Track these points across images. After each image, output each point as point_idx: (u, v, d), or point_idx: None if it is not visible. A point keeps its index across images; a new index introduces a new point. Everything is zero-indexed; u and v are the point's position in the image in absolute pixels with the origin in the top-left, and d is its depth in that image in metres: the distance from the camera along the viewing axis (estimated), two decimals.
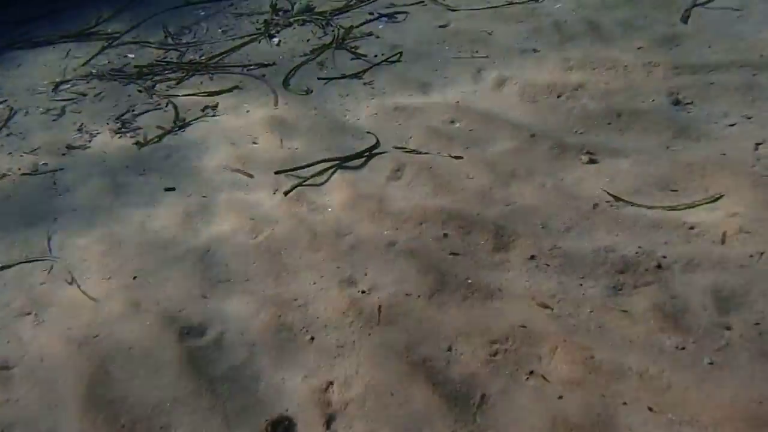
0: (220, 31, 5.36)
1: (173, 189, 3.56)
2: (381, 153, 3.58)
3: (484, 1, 5.05)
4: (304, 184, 3.44)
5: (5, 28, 5.72)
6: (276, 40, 5.12)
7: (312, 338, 2.57)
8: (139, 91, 4.61)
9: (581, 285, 2.57)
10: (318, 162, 3.54)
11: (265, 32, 5.21)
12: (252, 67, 4.76)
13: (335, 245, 3.04)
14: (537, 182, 3.20)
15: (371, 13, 5.30)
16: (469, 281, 2.70)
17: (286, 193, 3.38)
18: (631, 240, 2.70)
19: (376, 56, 4.63)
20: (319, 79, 4.43)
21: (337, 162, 3.55)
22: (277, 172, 3.48)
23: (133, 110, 4.41)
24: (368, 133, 3.79)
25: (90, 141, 4.11)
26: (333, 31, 5.08)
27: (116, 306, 2.80)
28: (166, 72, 4.83)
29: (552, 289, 2.58)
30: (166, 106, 4.40)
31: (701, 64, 3.72)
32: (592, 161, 3.23)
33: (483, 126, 3.69)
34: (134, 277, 2.97)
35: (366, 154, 3.59)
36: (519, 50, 4.33)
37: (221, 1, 5.83)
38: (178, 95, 4.50)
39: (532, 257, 2.77)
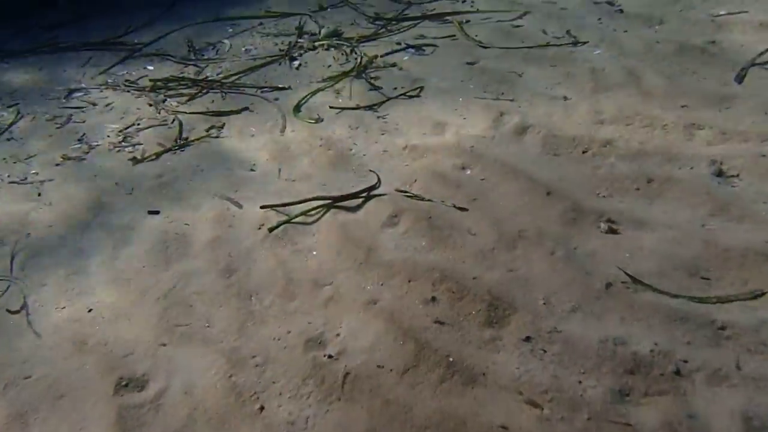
0: (243, 49, 5.20)
1: (157, 212, 3.33)
2: (380, 195, 3.27)
3: (519, 41, 4.75)
4: (291, 221, 3.16)
5: (36, 32, 5.72)
6: (296, 63, 4.91)
7: (261, 407, 2.25)
8: (149, 105, 4.45)
9: (581, 382, 2.17)
10: (310, 199, 3.25)
11: (286, 54, 5.02)
12: (267, 89, 4.56)
13: (311, 295, 2.73)
14: (546, 248, 2.82)
15: (398, 43, 5.06)
16: (451, 359, 2.34)
17: (271, 230, 3.10)
18: (647, 334, 2.29)
19: (395, 89, 4.36)
20: (331, 108, 4.17)
21: (330, 201, 3.25)
22: (263, 207, 3.21)
23: (138, 124, 4.24)
24: (371, 171, 3.49)
25: (87, 153, 3.94)
26: (356, 58, 4.85)
27: (60, 342, 2.54)
28: (180, 87, 4.67)
29: (546, 383, 2.19)
30: (172, 123, 4.22)
31: (754, 132, 3.29)
32: (612, 231, 2.84)
33: (496, 176, 3.34)
34: (89, 310, 2.72)
35: (363, 194, 3.28)
36: (548, 96, 3.99)
37: (251, 20, 5.70)
38: (186, 112, 4.31)
39: (528, 338, 2.39)
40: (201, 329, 2.60)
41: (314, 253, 2.98)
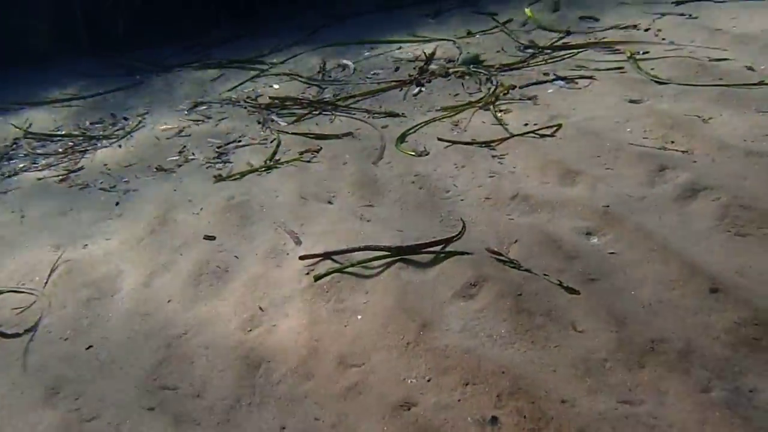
0: (371, 73, 4.78)
1: (213, 238, 2.92)
2: (463, 253, 2.48)
3: (714, 77, 3.62)
4: (344, 271, 2.51)
5: (196, 50, 5.93)
6: (420, 90, 4.33)
7: None
8: (258, 123, 4.19)
9: None
10: (373, 248, 2.58)
11: (413, 80, 4.46)
12: (380, 115, 4.03)
13: (332, 378, 2.04)
14: (695, 379, 1.81)
15: (546, 74, 4.21)
16: None
17: (316, 279, 2.49)
18: None
19: (525, 125, 3.53)
20: (440, 140, 3.48)
21: (393, 253, 2.54)
22: (303, 257, 2.60)
23: (240, 141, 3.98)
24: (461, 220, 2.72)
25: (180, 166, 3.74)
26: (489, 88, 4.12)
27: (31, 392, 2.16)
28: (295, 107, 4.36)
29: None
30: (271, 143, 3.88)
31: None
32: None
33: (634, 251, 2.36)
34: (88, 347, 2.33)
35: (434, 249, 2.52)
36: (743, 151, 2.86)
37: (392, 44, 5.28)
38: (288, 132, 3.95)
39: None
40: (188, 399, 2.04)
41: (359, 317, 2.29)
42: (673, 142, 3.10)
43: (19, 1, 5.71)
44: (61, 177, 3.73)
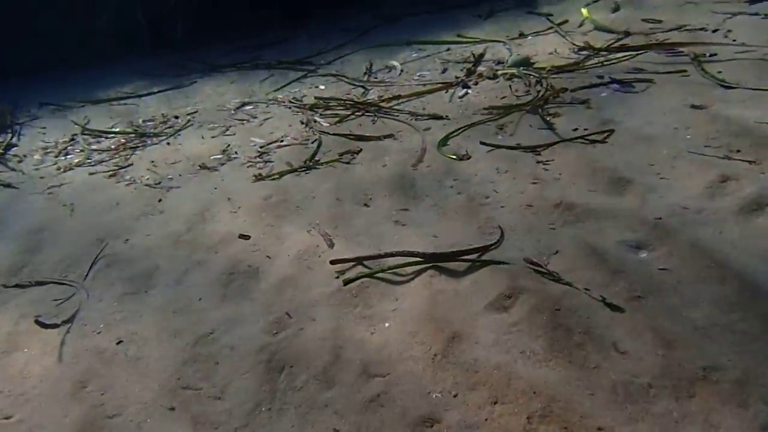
0: (417, 74, 4.69)
1: (248, 237, 2.91)
2: (500, 263, 2.36)
3: None
4: (374, 276, 2.44)
5: (248, 50, 6.01)
6: (466, 91, 4.21)
7: None
8: (302, 123, 4.18)
9: None
10: (405, 253, 2.49)
11: (460, 82, 4.34)
12: (423, 117, 3.94)
13: (354, 387, 1.97)
14: (752, 414, 1.63)
15: (600, 77, 4.01)
16: None
17: (346, 283, 2.43)
18: None
19: (574, 129, 3.36)
20: (483, 144, 3.36)
21: (426, 260, 2.45)
22: (333, 262, 2.54)
23: (282, 141, 3.97)
24: (500, 228, 2.59)
25: (222, 164, 3.77)
26: (539, 91, 3.95)
27: (62, 384, 2.20)
28: (339, 108, 4.32)
29: None
30: (312, 143, 3.85)
31: None
32: None
33: (688, 268, 2.18)
34: (119, 342, 2.34)
35: (474, 259, 2.41)
36: None
37: (441, 45, 5.18)
38: (330, 133, 3.92)
39: None
40: (208, 400, 2.02)
41: (387, 325, 2.21)
42: (738, 151, 2.87)
43: (85, 4, 5.96)
44: (111, 173, 3.83)
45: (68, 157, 4.17)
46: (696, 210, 2.50)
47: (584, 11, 5.16)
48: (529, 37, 5.03)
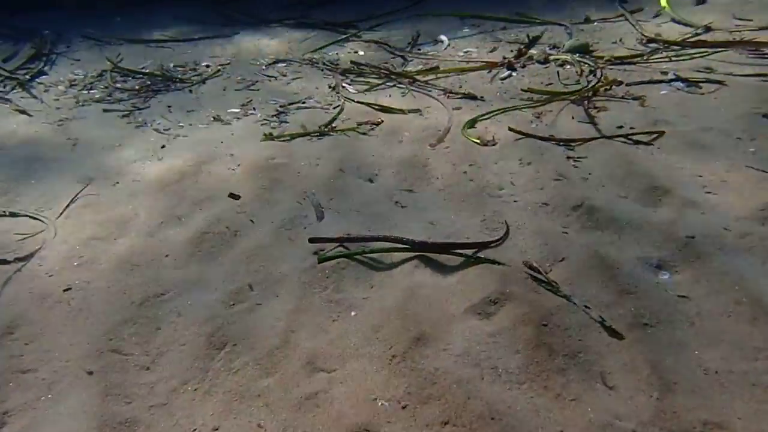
0: (463, 51, 4.34)
1: (238, 197, 2.70)
2: (495, 262, 2.06)
3: None
4: (353, 258, 2.18)
5: (296, 9, 5.78)
6: (509, 73, 3.83)
7: None
8: (329, 87, 3.93)
9: None
10: (392, 239, 2.21)
11: (505, 63, 3.96)
12: (457, 95, 3.60)
13: (293, 382, 1.73)
14: None
15: (664, 73, 3.56)
16: None
17: (320, 261, 2.18)
18: None
19: (619, 127, 2.97)
20: (510, 130, 3.01)
21: (414, 249, 2.16)
22: (312, 240, 2.29)
23: (304, 102, 3.74)
24: (506, 224, 2.28)
25: (238, 119, 3.57)
26: (590, 81, 3.54)
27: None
28: (372, 76, 4.04)
29: None
30: (333, 108, 3.60)
31: None
32: None
33: (713, 300, 1.81)
34: (66, 289, 2.19)
35: (468, 254, 2.11)
36: None
37: (497, 22, 4.80)
38: (354, 101, 3.65)
39: None
40: (134, 369, 1.81)
41: (353, 313, 1.96)
42: None
43: None
44: (126, 113, 3.71)
45: (91, 91, 4.08)
46: (740, 234, 2.10)
47: (663, 0, 4.64)
48: (595, 23, 4.58)
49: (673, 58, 3.79)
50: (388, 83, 3.89)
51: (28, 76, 4.32)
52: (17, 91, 4.12)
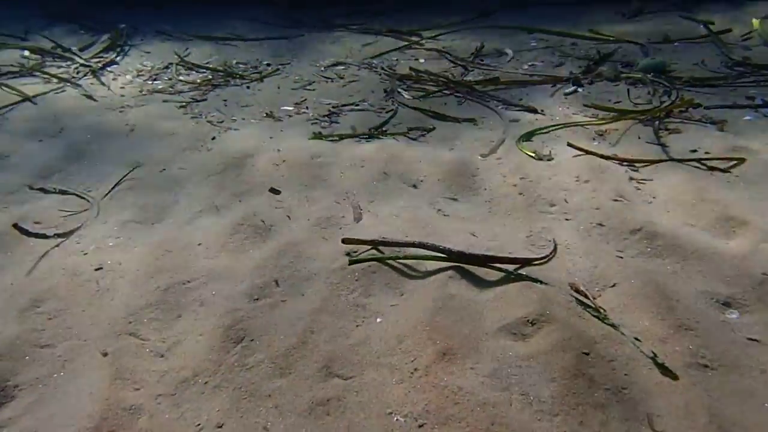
0: (527, 64, 4.17)
1: (278, 192, 2.65)
2: (538, 281, 1.88)
3: None
4: (385, 262, 2.06)
5: (364, 15, 5.79)
6: (575, 89, 3.63)
7: None
8: (384, 92, 3.85)
9: None
10: (429, 246, 2.08)
11: (571, 78, 3.77)
12: (516, 108, 3.44)
13: (307, 385, 1.62)
14: None
15: (751, 98, 3.27)
16: None
17: (351, 263, 2.07)
18: None
19: (692, 151, 2.73)
20: (570, 146, 2.82)
21: (451, 258, 2.02)
22: (345, 241, 2.17)
23: (357, 105, 3.68)
24: (553, 242, 2.10)
25: (290, 117, 3.55)
26: (663, 102, 3.30)
27: (19, 300, 2.05)
28: (429, 83, 3.94)
29: None
30: (386, 113, 3.52)
31: None
32: None
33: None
34: (98, 268, 2.17)
35: (509, 270, 1.94)
36: None
37: (566, 38, 4.60)
38: (408, 106, 3.55)
39: None
40: (149, 355, 1.75)
41: (378, 320, 1.84)
42: None
43: None
44: (183, 104, 3.76)
45: (155, 82, 4.18)
46: None
47: (755, 21, 4.32)
48: (675, 44, 4.31)
49: (762, 84, 3.49)
50: (445, 91, 3.78)
51: (100, 65, 4.48)
52: (89, 77, 4.28)
